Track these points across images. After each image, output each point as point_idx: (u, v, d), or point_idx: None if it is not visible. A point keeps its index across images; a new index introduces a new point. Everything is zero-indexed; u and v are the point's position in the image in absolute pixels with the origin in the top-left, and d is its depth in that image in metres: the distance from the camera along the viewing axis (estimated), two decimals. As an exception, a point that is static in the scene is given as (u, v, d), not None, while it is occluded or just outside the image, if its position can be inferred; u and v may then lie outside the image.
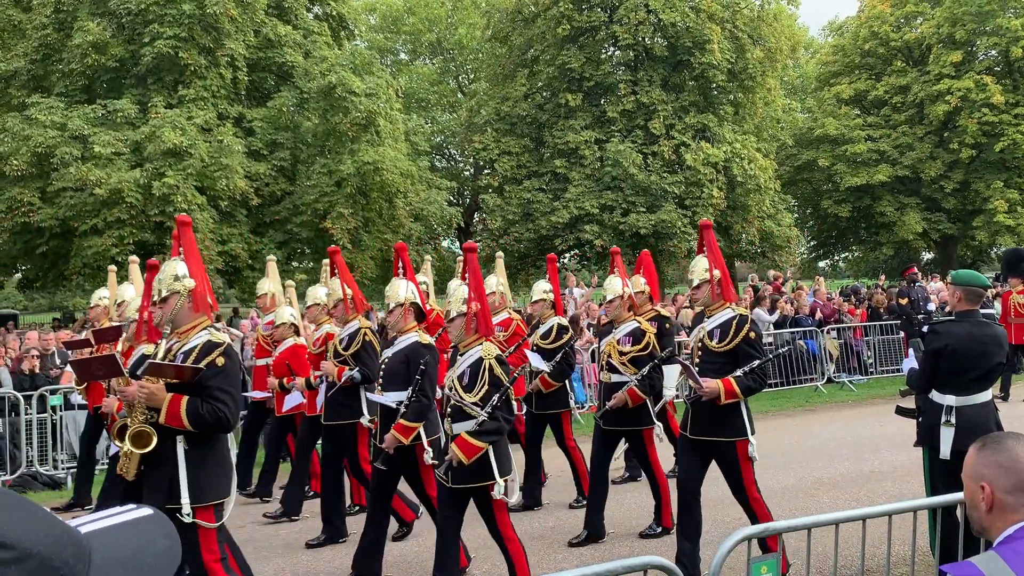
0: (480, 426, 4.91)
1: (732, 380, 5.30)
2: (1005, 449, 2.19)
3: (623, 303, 6.76)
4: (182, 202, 17.91)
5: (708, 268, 5.65)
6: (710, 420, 5.42)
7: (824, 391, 14.05)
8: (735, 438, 5.41)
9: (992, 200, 29.98)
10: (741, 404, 5.43)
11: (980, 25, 30.93)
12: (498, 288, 8.31)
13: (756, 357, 5.36)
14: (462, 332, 5.20)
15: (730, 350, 5.39)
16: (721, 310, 5.58)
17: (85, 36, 19.12)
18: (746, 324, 5.42)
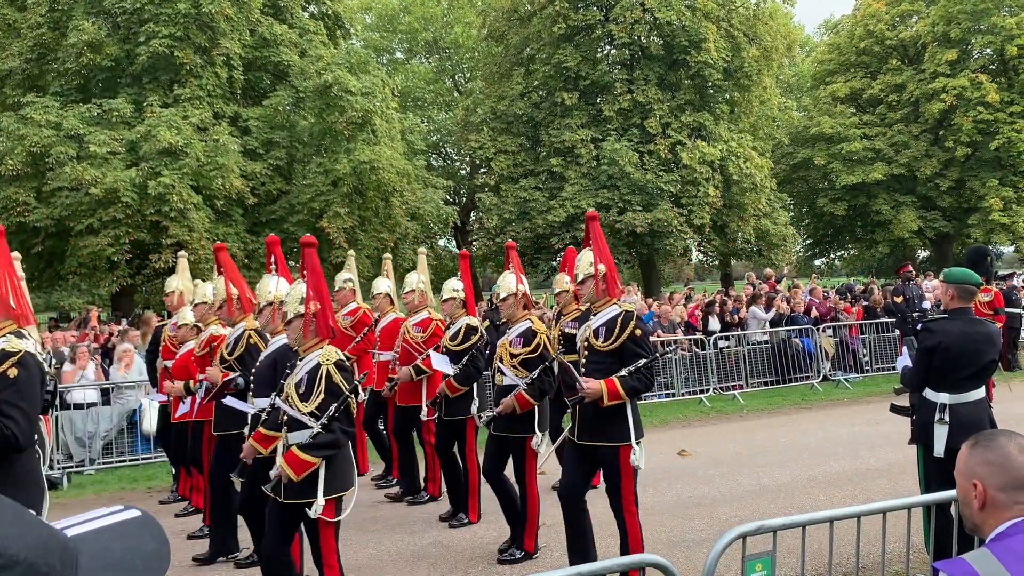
0: (313, 439, 4.48)
1: (616, 380, 4.98)
2: (997, 447, 2.20)
3: (517, 302, 6.35)
4: (177, 201, 17.90)
5: (593, 262, 5.33)
6: (594, 424, 5.11)
7: (820, 389, 14.08)
8: (619, 443, 5.05)
9: (987, 198, 30.06)
10: (627, 407, 5.07)
11: (975, 23, 30.99)
12: (418, 286, 8.03)
13: (642, 356, 5.03)
14: (300, 335, 4.75)
15: (616, 349, 5.08)
16: (607, 307, 5.27)
17: (80, 35, 19.08)
18: (632, 321, 5.10)
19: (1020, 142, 29.76)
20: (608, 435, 5.07)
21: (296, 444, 4.51)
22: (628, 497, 5.11)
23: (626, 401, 5.04)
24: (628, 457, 5.04)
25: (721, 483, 8.14)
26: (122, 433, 10.81)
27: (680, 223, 25.52)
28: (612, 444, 5.05)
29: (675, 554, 5.93)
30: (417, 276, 8.14)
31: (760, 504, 7.25)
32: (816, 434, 10.45)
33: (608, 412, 5.03)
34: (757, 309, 15.02)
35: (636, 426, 5.11)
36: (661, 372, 13.73)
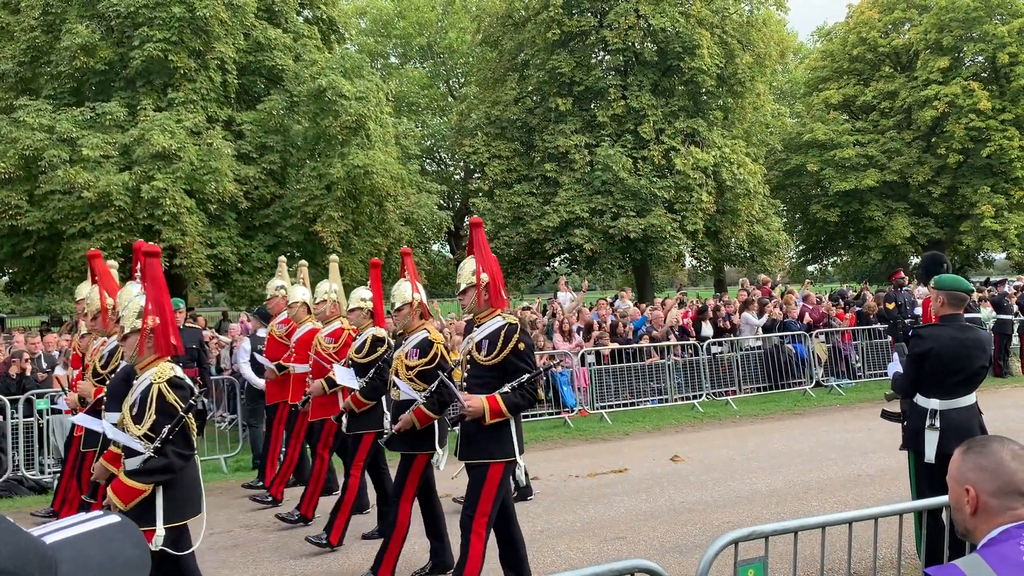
0: (144, 464, 4.13)
1: (498, 397, 4.75)
2: (990, 452, 2.21)
3: (413, 311, 6.02)
4: (171, 205, 17.85)
5: (476, 271, 5.06)
6: (477, 441, 4.88)
7: (812, 395, 14.10)
8: (494, 459, 4.84)
9: (979, 205, 30.20)
10: (511, 423, 4.85)
11: (967, 31, 31.17)
12: (329, 295, 7.69)
13: (526, 371, 4.81)
14: (135, 353, 4.41)
15: (498, 363, 4.83)
16: (490, 319, 5.01)
17: (74, 39, 19.04)
18: (515, 334, 4.85)
19: (1012, 149, 29.92)
20: (489, 452, 4.85)
21: (124, 471, 4.19)
22: (481, 518, 4.80)
23: (509, 418, 4.82)
24: (497, 475, 4.80)
25: (714, 489, 8.14)
26: (113, 437, 10.76)
27: (673, 229, 25.57)
28: (489, 462, 4.84)
29: (667, 559, 5.92)
30: (329, 284, 7.77)
31: (753, 510, 7.25)
32: (809, 440, 10.47)
33: (491, 429, 4.81)
34: (750, 315, 15.04)
35: (519, 442, 4.89)
36: (655, 377, 13.75)
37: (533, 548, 6.48)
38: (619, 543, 6.54)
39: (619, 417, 12.78)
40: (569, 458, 10.10)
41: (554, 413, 12.88)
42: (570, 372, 13.18)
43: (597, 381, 13.29)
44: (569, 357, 13.22)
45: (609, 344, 13.81)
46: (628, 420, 12.61)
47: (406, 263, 6.25)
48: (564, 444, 11.22)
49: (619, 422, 12.48)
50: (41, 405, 10.22)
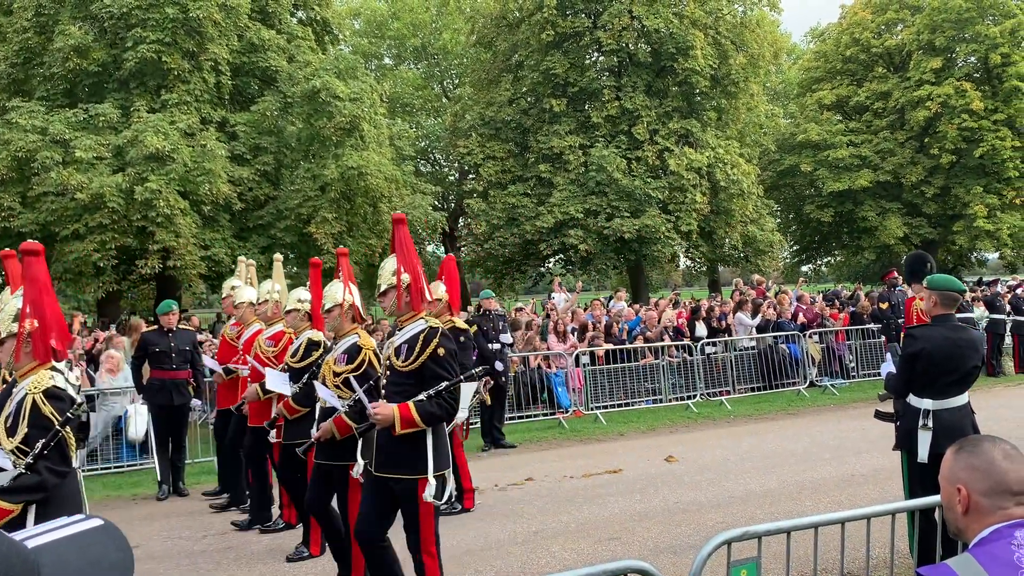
0: (14, 481, 3.75)
1: (411, 405, 4.46)
2: (981, 452, 2.21)
3: (343, 313, 5.65)
4: (164, 207, 17.81)
5: (396, 271, 4.79)
6: (390, 453, 4.58)
7: (806, 395, 14.13)
8: (416, 475, 4.51)
9: (972, 205, 30.31)
10: (428, 435, 4.55)
11: (959, 32, 31.28)
12: (271, 296, 7.39)
13: (445, 378, 4.51)
14: (12, 359, 4.03)
15: (416, 369, 4.56)
16: (412, 322, 4.75)
17: (67, 40, 18.99)
18: (434, 338, 4.56)
19: (1004, 150, 30.03)
20: (405, 466, 4.54)
21: None
22: (428, 538, 4.56)
23: (425, 429, 4.53)
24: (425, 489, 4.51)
25: (708, 489, 8.15)
26: (107, 440, 10.74)
27: (668, 229, 25.60)
28: (410, 476, 4.52)
29: (661, 560, 5.93)
30: (271, 284, 7.50)
31: (747, 510, 7.26)
32: (802, 440, 10.49)
33: (406, 440, 4.51)
34: (744, 315, 15.07)
35: (438, 457, 4.56)
36: (649, 378, 13.77)
37: (527, 549, 6.49)
38: (613, 543, 6.55)
39: (614, 418, 12.79)
40: (564, 459, 10.11)
41: (549, 414, 12.89)
42: (565, 373, 13.19)
43: (592, 382, 13.30)
44: (564, 358, 13.23)
45: (604, 345, 13.82)
46: (623, 420, 12.62)
47: (340, 264, 5.85)
48: (559, 445, 11.22)
49: (614, 423, 12.49)
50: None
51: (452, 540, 6.85)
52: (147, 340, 9.39)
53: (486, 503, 8.05)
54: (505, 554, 6.40)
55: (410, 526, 4.57)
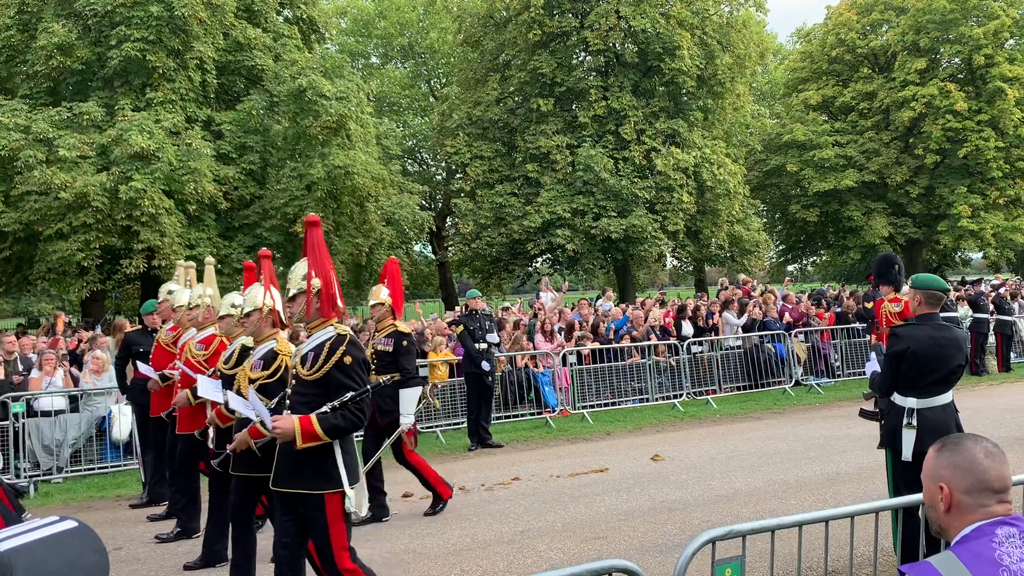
0: None
1: (313, 418, 4.21)
2: (963, 450, 2.22)
3: (263, 318, 5.35)
4: (149, 206, 17.72)
5: (307, 275, 4.54)
6: (294, 466, 4.34)
7: (792, 394, 14.19)
8: (323, 490, 4.27)
9: (956, 205, 30.53)
10: (336, 447, 4.32)
11: (943, 33, 31.50)
12: (203, 300, 7.18)
13: (351, 388, 4.28)
14: None
15: (321, 378, 4.34)
16: (321, 328, 4.50)
17: (50, 38, 18.84)
18: (341, 347, 4.34)
19: (988, 150, 30.27)
20: (310, 480, 4.29)
21: None
22: (340, 553, 4.29)
23: (330, 442, 4.28)
24: (338, 506, 4.28)
25: (694, 488, 8.17)
26: (91, 441, 10.66)
27: (654, 229, 25.67)
28: (315, 492, 4.28)
29: (647, 559, 5.94)
30: (203, 288, 7.31)
31: (732, 508, 7.28)
32: (788, 438, 10.53)
33: (311, 453, 4.27)
34: (730, 314, 15.12)
35: (348, 469, 4.34)
36: (636, 377, 13.79)
37: (514, 548, 6.49)
38: (599, 543, 6.55)
39: (600, 417, 12.81)
40: (550, 458, 10.11)
41: (536, 413, 12.89)
42: (552, 372, 13.20)
43: (578, 381, 13.31)
44: (551, 357, 13.24)
45: (590, 344, 13.84)
46: (609, 420, 12.64)
47: (264, 266, 5.52)
48: (545, 444, 11.23)
49: (600, 422, 12.50)
50: (17, 408, 10.09)
51: (438, 540, 6.85)
52: (131, 340, 9.31)
53: (472, 503, 8.04)
54: (491, 554, 6.39)
55: (319, 544, 4.30)
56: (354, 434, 4.49)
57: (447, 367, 12.68)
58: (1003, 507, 2.17)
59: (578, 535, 6.78)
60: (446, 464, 10.15)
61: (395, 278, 7.84)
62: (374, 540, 6.94)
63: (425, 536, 6.98)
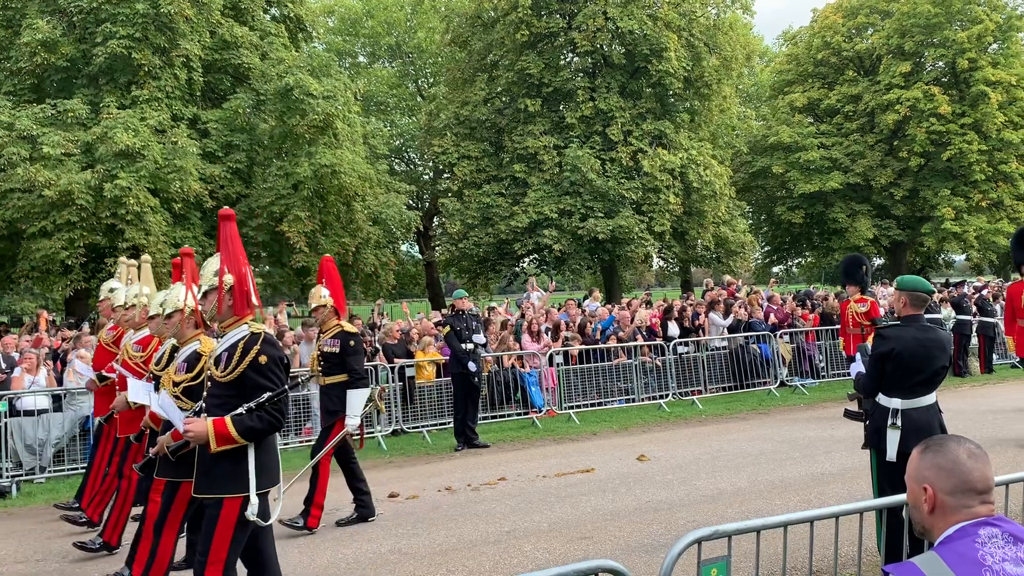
0: None
1: (228, 420, 4.04)
2: (947, 452, 2.24)
3: (184, 319, 5.21)
4: (134, 204, 17.62)
5: (219, 271, 4.34)
6: (210, 471, 4.15)
7: (777, 394, 14.25)
8: (225, 494, 4.08)
9: (940, 207, 30.77)
10: (250, 451, 4.12)
11: (928, 37, 31.75)
12: (139, 299, 6.91)
13: (268, 388, 4.11)
14: None
15: (236, 379, 4.15)
16: (235, 327, 4.31)
17: (34, 34, 18.69)
18: (255, 346, 4.16)
19: (971, 153, 30.53)
20: (221, 483, 4.11)
21: None
22: (216, 563, 4.03)
23: (245, 444, 4.10)
24: (233, 513, 4.05)
25: (679, 488, 8.20)
26: (74, 440, 10.58)
27: (641, 230, 25.74)
28: (226, 496, 4.09)
29: (633, 559, 5.95)
30: (139, 288, 7.04)
31: (717, 509, 7.31)
32: (773, 439, 10.58)
33: (226, 457, 4.10)
34: (716, 315, 15.18)
35: (262, 473, 4.15)
36: (622, 378, 13.82)
37: (499, 549, 6.49)
38: (585, 543, 6.56)
39: (587, 417, 12.83)
40: (536, 458, 10.12)
41: (522, 413, 12.90)
42: (538, 372, 13.21)
43: (565, 381, 13.33)
44: (537, 357, 13.25)
45: (577, 345, 13.86)
46: (596, 420, 12.66)
47: (186, 265, 5.22)
48: (532, 444, 11.23)
49: (587, 422, 12.52)
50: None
51: (424, 540, 6.84)
52: (116, 339, 9.25)
53: (459, 503, 8.04)
54: (477, 554, 6.39)
55: (202, 545, 4.09)
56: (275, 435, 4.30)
57: (434, 367, 12.68)
58: (986, 508, 2.19)
59: (564, 535, 6.79)
60: (432, 464, 10.15)
61: (332, 277, 7.65)
62: (360, 540, 6.93)
63: (411, 536, 6.97)
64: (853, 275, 11.99)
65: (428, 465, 10.16)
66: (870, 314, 11.59)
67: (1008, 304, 9.90)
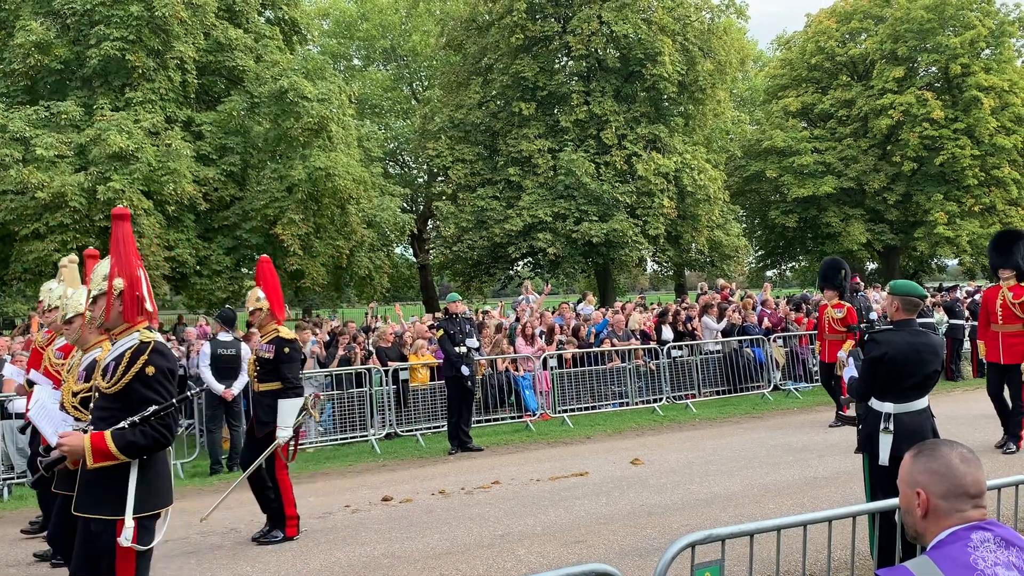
0: None
1: (107, 434, 3.72)
2: (939, 456, 2.25)
3: (84, 324, 4.80)
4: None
5: (109, 275, 4.06)
6: (89, 490, 3.85)
7: (770, 398, 14.27)
8: (114, 516, 3.76)
9: (932, 212, 30.90)
10: (133, 468, 3.80)
11: (921, 42, 31.90)
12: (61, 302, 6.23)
13: (155, 402, 3.81)
14: None
15: (122, 391, 3.86)
16: (125, 335, 4.02)
17: (28, 36, 18.64)
18: (143, 355, 3.86)
19: (964, 158, 30.66)
20: (104, 505, 3.79)
21: None
22: None
23: (127, 462, 3.78)
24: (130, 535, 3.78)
25: (673, 492, 8.20)
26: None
27: (635, 233, 25.77)
28: (104, 518, 3.78)
29: (626, 563, 5.95)
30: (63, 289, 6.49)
31: (711, 512, 7.32)
32: (767, 443, 10.59)
33: (108, 475, 3.79)
34: (709, 319, 15.20)
35: (148, 495, 3.83)
36: (616, 381, 13.82)
37: (493, 552, 6.48)
38: (579, 547, 6.56)
39: (580, 420, 12.82)
40: (530, 462, 10.12)
41: (516, 417, 12.89)
42: (532, 376, 13.20)
43: (559, 385, 13.33)
44: (531, 361, 13.24)
45: (571, 348, 13.86)
46: (589, 424, 12.66)
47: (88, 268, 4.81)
48: (526, 448, 11.23)
49: (580, 425, 12.52)
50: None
51: (418, 544, 6.83)
52: (108, 341, 9.20)
53: (452, 506, 8.03)
54: (471, 558, 6.38)
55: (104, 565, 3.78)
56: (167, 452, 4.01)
57: (427, 370, 12.67)
58: (978, 512, 2.19)
59: (558, 539, 6.79)
60: (426, 468, 10.14)
61: (268, 278, 7.37)
62: (352, 544, 6.92)
63: (404, 540, 6.96)
64: (831, 279, 11.85)
65: (422, 469, 10.15)
66: (847, 320, 11.49)
67: (983, 309, 9.73)
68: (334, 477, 9.94)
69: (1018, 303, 9.14)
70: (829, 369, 11.58)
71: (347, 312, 38.54)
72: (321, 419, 12.01)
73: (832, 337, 11.54)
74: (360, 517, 7.81)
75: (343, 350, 12.67)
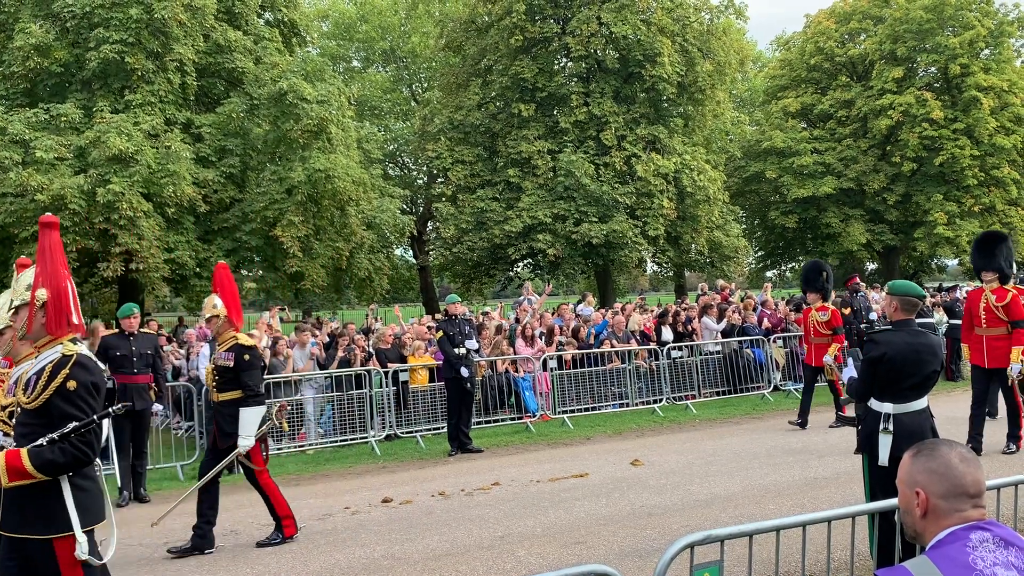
0: None
1: (23, 452, 3.59)
2: (939, 456, 2.25)
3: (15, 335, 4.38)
4: (127, 209, 17.55)
5: (32, 285, 3.86)
6: (16, 507, 3.67)
7: (770, 399, 14.27)
8: (52, 534, 3.62)
9: (932, 212, 30.91)
10: (64, 485, 3.67)
11: (920, 42, 31.92)
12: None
13: (75, 418, 3.63)
14: None
15: (42, 406, 3.68)
16: (48, 348, 3.84)
17: (27, 38, 18.64)
18: (64, 369, 3.69)
19: (963, 158, 30.67)
20: (35, 524, 3.63)
21: None
22: None
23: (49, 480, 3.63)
24: (70, 552, 3.62)
25: (673, 492, 8.20)
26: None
27: (635, 234, 25.78)
28: (43, 536, 3.62)
29: (627, 564, 5.95)
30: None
31: (710, 513, 7.32)
32: (766, 443, 10.59)
33: (34, 493, 3.63)
34: (709, 320, 15.20)
35: (85, 511, 3.70)
36: (616, 382, 13.81)
37: (493, 554, 6.48)
38: (579, 548, 6.56)
39: (581, 422, 12.82)
40: (531, 463, 10.12)
41: (516, 418, 12.89)
42: (532, 377, 13.20)
43: (559, 386, 13.32)
44: (531, 362, 13.24)
45: (571, 349, 13.86)
46: (589, 425, 12.66)
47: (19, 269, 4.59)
48: (526, 449, 11.23)
49: (580, 427, 12.52)
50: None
51: (418, 545, 6.83)
52: (107, 344, 9.24)
53: (452, 508, 8.03)
54: (471, 559, 6.38)
55: None
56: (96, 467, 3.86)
57: (427, 372, 12.67)
58: (977, 512, 2.19)
59: (558, 540, 6.79)
60: (426, 469, 10.14)
61: (226, 285, 7.24)
62: (353, 546, 6.91)
63: (404, 542, 6.96)
64: (813, 282, 11.78)
65: (422, 470, 10.15)
66: (831, 323, 11.43)
67: (966, 312, 9.60)
68: (334, 479, 9.95)
69: (1001, 306, 9.04)
70: (815, 372, 11.58)
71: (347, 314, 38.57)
72: (321, 420, 12.02)
73: (818, 340, 11.47)
74: (360, 519, 7.81)
75: (343, 352, 12.67)
